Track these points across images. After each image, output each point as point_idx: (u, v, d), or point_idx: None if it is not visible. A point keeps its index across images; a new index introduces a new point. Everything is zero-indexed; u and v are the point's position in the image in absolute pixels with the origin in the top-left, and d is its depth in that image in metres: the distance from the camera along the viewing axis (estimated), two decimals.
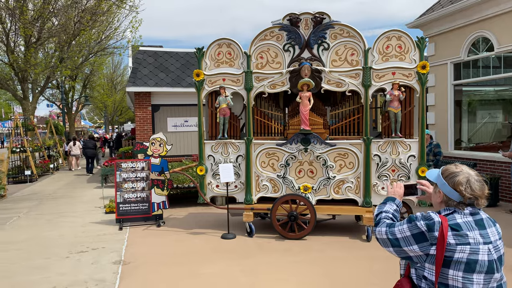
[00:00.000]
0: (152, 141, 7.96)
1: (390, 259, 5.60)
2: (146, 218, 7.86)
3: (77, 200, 10.70)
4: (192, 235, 7.04)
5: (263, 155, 7.01)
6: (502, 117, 10.16)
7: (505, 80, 9.72)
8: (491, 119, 10.67)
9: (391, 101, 6.64)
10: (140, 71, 13.61)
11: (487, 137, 10.70)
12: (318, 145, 6.82)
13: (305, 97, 6.68)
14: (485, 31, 9.65)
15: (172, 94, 13.88)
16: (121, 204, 7.76)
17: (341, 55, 6.81)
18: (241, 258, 5.80)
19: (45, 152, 17.90)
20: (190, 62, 14.22)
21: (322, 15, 6.80)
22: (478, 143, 10.72)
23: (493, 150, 9.81)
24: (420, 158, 6.69)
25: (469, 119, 10.94)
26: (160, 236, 7.04)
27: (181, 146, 14.04)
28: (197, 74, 7.18)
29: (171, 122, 14.18)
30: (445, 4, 10.87)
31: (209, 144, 7.21)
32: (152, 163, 7.91)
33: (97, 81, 30.21)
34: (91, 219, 8.38)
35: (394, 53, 6.71)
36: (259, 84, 6.98)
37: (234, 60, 7.11)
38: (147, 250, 6.19)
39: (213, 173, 7.20)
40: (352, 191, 6.81)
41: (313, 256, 5.83)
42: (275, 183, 6.99)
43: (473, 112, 11.09)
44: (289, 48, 6.93)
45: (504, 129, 10.10)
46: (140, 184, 7.86)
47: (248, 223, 6.95)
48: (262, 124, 7.17)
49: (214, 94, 7.28)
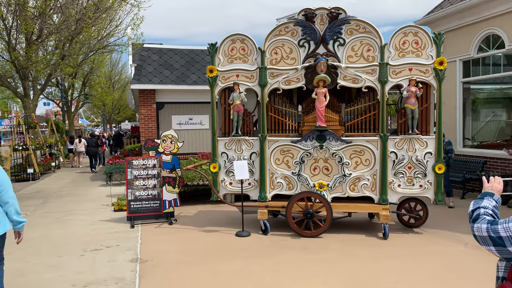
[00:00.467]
0: (164, 138, 7.86)
1: (410, 258, 5.55)
2: (157, 216, 7.76)
3: (83, 198, 10.57)
4: (206, 233, 6.95)
5: (277, 152, 6.93)
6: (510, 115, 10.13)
7: None
8: (499, 117, 10.65)
9: (408, 98, 6.58)
10: (144, 68, 13.49)
11: (495, 135, 10.67)
12: (333, 142, 6.74)
13: (321, 93, 6.60)
14: (496, 28, 9.61)
15: (176, 91, 13.77)
16: (132, 202, 7.66)
17: (357, 51, 6.73)
18: (259, 256, 5.71)
19: (47, 150, 17.73)
20: (194, 59, 14.12)
21: (338, 10, 6.73)
22: (486, 141, 10.69)
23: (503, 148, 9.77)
24: (437, 155, 6.63)
25: (477, 117, 10.92)
26: (173, 234, 6.95)
27: (186, 144, 13.92)
28: (210, 70, 7.09)
29: (175, 120, 14.06)
30: (454, 2, 10.82)
31: (223, 141, 7.12)
32: (164, 160, 7.80)
33: (96, 79, 29.98)
34: (100, 217, 8.27)
35: (411, 49, 6.64)
36: (273, 80, 6.89)
37: (248, 56, 7.02)
38: (163, 248, 6.10)
39: (227, 170, 7.11)
40: (368, 189, 6.74)
41: (331, 255, 5.76)
42: (290, 181, 6.91)
43: (481, 110, 11.06)
44: (304, 43, 6.84)
45: (504, 127, 10.10)
46: (152, 182, 7.76)
47: (263, 221, 6.86)
48: (276, 121, 7.08)
49: (227, 90, 7.18)
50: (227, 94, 7.18)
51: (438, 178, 6.63)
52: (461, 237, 6.47)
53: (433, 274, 4.95)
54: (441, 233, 6.77)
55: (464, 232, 6.77)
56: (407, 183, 6.71)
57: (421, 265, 5.28)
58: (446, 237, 6.54)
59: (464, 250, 5.89)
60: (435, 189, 6.65)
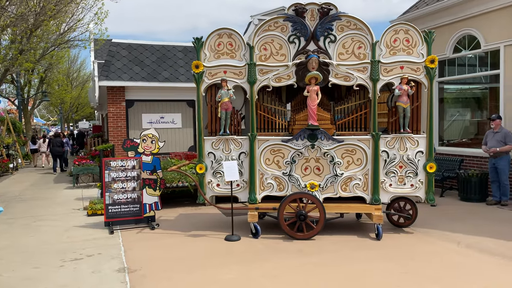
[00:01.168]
0: (144, 137, 7.41)
1: (407, 259, 5.45)
2: (138, 220, 7.30)
3: (50, 202, 9.87)
4: (192, 238, 6.58)
5: (267, 152, 6.67)
6: (484, 114, 10.37)
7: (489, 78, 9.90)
8: (473, 117, 10.91)
9: (400, 96, 6.50)
10: (113, 64, 12.86)
11: (468, 133, 10.92)
12: (325, 141, 6.56)
13: (313, 91, 6.40)
14: (472, 28, 9.79)
15: (147, 88, 13.25)
16: (110, 206, 7.16)
17: (348, 48, 6.58)
18: (255, 261, 5.43)
19: (4, 151, 16.61)
20: (166, 55, 13.62)
21: (328, 6, 6.55)
22: (461, 140, 10.92)
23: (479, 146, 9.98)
24: (428, 154, 6.59)
25: (451, 116, 11.11)
26: (157, 239, 6.53)
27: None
28: (196, 66, 6.71)
29: (146, 119, 13.54)
30: (429, 2, 10.97)
31: (209, 140, 6.77)
32: (144, 161, 7.35)
33: (55, 76, 28.52)
34: (73, 223, 7.70)
35: (402, 46, 6.58)
36: (263, 77, 6.62)
37: (235, 51, 6.71)
38: (150, 256, 5.69)
39: (214, 171, 6.77)
40: (360, 189, 6.61)
41: (328, 257, 5.57)
42: (280, 181, 6.67)
43: (455, 109, 11.28)
44: (294, 39, 6.62)
45: (477, 126, 10.39)
46: (131, 184, 7.29)
47: (253, 224, 6.58)
48: (265, 120, 6.82)
49: (213, 87, 6.84)
50: (213, 91, 6.83)
51: (429, 177, 6.60)
52: (451, 236, 6.47)
53: (434, 276, 4.86)
54: (431, 232, 6.75)
55: (452, 230, 6.78)
56: (398, 183, 6.63)
57: (420, 266, 5.18)
58: (436, 236, 6.52)
59: (457, 249, 5.86)
60: (426, 188, 6.62)
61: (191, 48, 14.00)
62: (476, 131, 10.77)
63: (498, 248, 5.83)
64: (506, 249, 5.78)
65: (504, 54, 9.04)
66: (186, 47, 13.96)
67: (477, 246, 5.92)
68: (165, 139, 13.55)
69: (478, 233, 6.59)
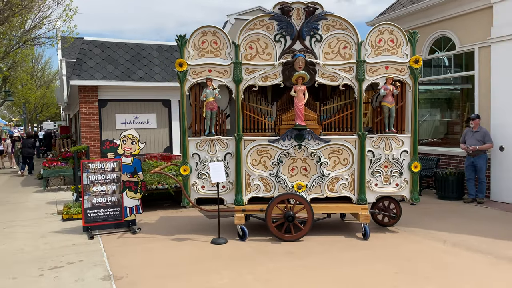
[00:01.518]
0: (124, 138, 7.14)
1: (397, 259, 5.45)
2: (118, 224, 7.03)
3: (20, 207, 9.39)
4: (177, 242, 6.38)
5: (254, 152, 6.54)
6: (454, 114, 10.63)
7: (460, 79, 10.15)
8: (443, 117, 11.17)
9: (385, 96, 6.52)
10: (85, 62, 12.41)
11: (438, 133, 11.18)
12: (312, 141, 6.51)
13: (300, 91, 6.33)
14: (447, 30, 10.00)
15: (121, 88, 12.88)
16: (89, 210, 6.86)
17: (333, 48, 6.55)
18: (246, 265, 5.30)
19: None
20: (140, 54, 13.27)
21: (314, 5, 6.50)
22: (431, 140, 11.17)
23: (451, 146, 10.24)
24: (413, 154, 6.65)
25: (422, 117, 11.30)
26: (140, 244, 6.29)
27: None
28: (180, 64, 6.51)
29: (119, 119, 13.16)
30: (405, 4, 11.14)
31: (194, 141, 6.58)
32: (124, 163, 7.08)
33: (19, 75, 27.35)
34: (48, 228, 7.33)
35: (387, 47, 6.61)
36: (249, 76, 6.50)
37: (220, 49, 6.55)
38: (135, 262, 5.45)
39: (199, 172, 6.59)
40: (347, 188, 6.59)
41: (318, 259, 5.49)
42: (267, 182, 6.56)
43: (425, 109, 11.51)
44: (280, 38, 6.53)
45: (447, 126, 10.67)
46: (111, 187, 7.00)
47: (240, 226, 6.44)
48: (251, 119, 6.70)
49: (197, 86, 6.66)
50: (198, 90, 6.65)
51: (414, 176, 6.66)
52: (436, 235, 6.54)
53: (427, 276, 4.87)
54: (416, 231, 6.81)
55: (436, 229, 6.87)
56: (384, 182, 6.66)
57: (412, 266, 5.19)
58: (422, 235, 6.58)
59: (445, 248, 5.93)
60: (411, 187, 6.68)
61: (166, 47, 13.72)
62: (445, 131, 11.03)
63: (482, 246, 5.93)
64: (491, 247, 5.88)
65: (479, 56, 9.27)
66: (161, 45, 13.65)
67: (463, 245, 6.00)
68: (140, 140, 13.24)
69: (460, 231, 6.69)
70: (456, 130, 10.77)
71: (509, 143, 8.52)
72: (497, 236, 6.41)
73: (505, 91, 8.58)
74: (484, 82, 9.14)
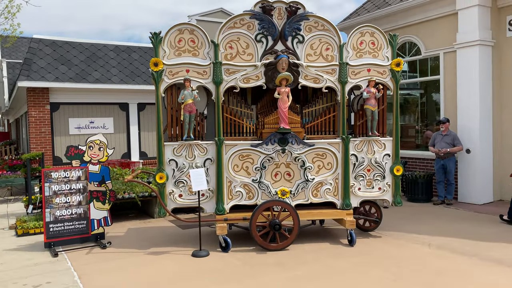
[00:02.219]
0: (90, 144, 6.52)
1: (391, 265, 5.31)
2: (84, 239, 6.40)
3: None
4: (154, 256, 5.87)
5: (236, 157, 6.19)
6: (412, 118, 10.87)
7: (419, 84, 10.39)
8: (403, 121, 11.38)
9: (368, 99, 6.43)
10: (35, 62, 11.46)
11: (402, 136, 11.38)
12: (296, 145, 6.26)
13: (284, 93, 6.08)
14: (412, 36, 10.19)
15: (75, 90, 12.04)
16: (52, 224, 6.18)
17: (316, 49, 6.37)
18: (237, 279, 4.93)
19: None
20: (96, 54, 12.49)
21: (296, 5, 6.28)
22: None
23: (422, 148, 10.42)
24: (395, 157, 6.60)
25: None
26: (113, 260, 5.72)
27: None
28: (155, 64, 6.04)
29: (73, 124, 12.30)
30: (371, 9, 11.26)
31: (171, 146, 6.12)
32: (90, 171, 6.47)
33: None
34: (2, 246, 6.53)
35: (368, 49, 6.52)
36: (230, 77, 6.15)
37: (198, 49, 6.16)
38: (113, 281, 4.91)
39: (176, 180, 6.13)
40: (331, 193, 6.41)
41: (312, 269, 5.23)
42: (250, 189, 6.23)
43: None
44: (261, 38, 6.25)
45: (407, 130, 10.93)
46: (76, 198, 6.36)
47: (223, 237, 6.05)
48: (231, 123, 6.35)
49: (173, 87, 6.22)
50: (174, 91, 6.21)
51: (396, 180, 6.61)
52: (418, 238, 6.52)
53: (426, 282, 4.76)
54: (396, 234, 6.76)
55: (415, 231, 6.86)
56: (367, 186, 6.55)
57: (407, 272, 5.07)
58: (405, 238, 6.52)
59: (432, 251, 5.88)
60: (394, 191, 6.62)
61: (124, 47, 13.02)
62: (405, 134, 11.20)
63: (466, 248, 5.94)
64: (474, 248, 5.91)
65: (444, 61, 9.51)
66: (119, 46, 12.93)
67: (447, 247, 5.99)
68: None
69: (440, 233, 6.72)
70: (410, 133, 11.03)
71: (475, 146, 8.77)
72: (476, 237, 6.47)
73: (470, 95, 8.83)
74: (450, 87, 9.37)
